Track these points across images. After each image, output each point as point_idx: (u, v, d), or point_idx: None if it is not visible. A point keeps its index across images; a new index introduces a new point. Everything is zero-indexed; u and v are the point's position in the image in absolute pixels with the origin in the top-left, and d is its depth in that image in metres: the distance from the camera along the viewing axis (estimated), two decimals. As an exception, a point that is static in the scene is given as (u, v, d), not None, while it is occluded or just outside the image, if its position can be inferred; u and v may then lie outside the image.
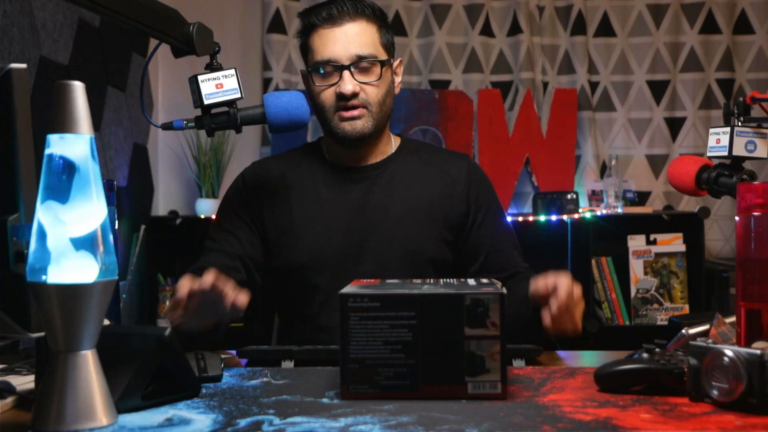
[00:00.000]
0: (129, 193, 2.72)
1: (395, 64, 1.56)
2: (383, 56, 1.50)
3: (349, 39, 1.47)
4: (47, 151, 0.85)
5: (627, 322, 2.94)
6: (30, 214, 0.89)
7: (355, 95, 1.46)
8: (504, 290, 0.98)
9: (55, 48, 2.09)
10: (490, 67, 3.19)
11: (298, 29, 1.57)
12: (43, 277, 0.83)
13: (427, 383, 0.97)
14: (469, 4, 3.16)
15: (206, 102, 1.32)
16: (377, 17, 1.52)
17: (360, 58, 1.47)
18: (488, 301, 0.96)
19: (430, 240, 1.54)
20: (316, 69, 1.49)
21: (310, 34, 1.51)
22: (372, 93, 1.48)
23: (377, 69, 1.49)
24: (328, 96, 1.49)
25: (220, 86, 1.32)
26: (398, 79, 1.57)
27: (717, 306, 2.79)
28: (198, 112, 1.35)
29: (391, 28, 1.56)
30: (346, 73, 1.46)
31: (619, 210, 2.90)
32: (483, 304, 0.96)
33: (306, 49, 1.53)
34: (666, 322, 2.88)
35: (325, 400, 0.98)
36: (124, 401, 0.90)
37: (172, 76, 3.03)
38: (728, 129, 1.33)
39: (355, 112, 1.48)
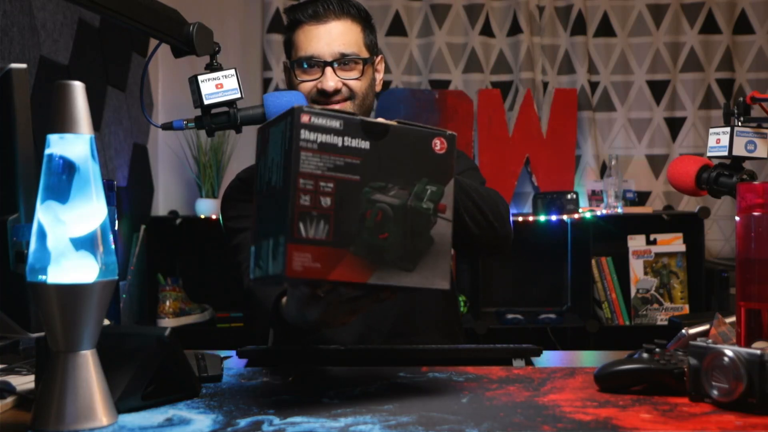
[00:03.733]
0: (129, 193, 2.72)
1: (377, 60, 1.56)
2: (365, 55, 1.51)
3: (332, 37, 1.48)
4: (47, 151, 0.85)
5: (627, 322, 2.94)
6: (30, 214, 0.89)
7: (336, 92, 1.47)
8: None
9: (55, 48, 2.08)
10: (490, 67, 3.19)
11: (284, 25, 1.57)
12: (43, 277, 0.83)
13: None
14: (469, 4, 3.16)
15: (206, 102, 1.32)
16: (362, 17, 1.53)
17: (343, 56, 1.47)
18: None
19: None
20: (300, 64, 1.50)
21: (295, 30, 1.51)
22: (355, 86, 1.49)
23: (359, 66, 1.49)
24: (307, 88, 1.48)
25: (220, 86, 1.32)
26: (380, 76, 1.58)
27: (717, 306, 2.78)
28: (198, 112, 1.35)
29: (374, 28, 1.57)
30: (328, 69, 1.47)
31: (619, 210, 2.90)
32: None
33: (290, 45, 1.54)
34: (666, 322, 2.88)
35: (325, 400, 0.97)
36: (124, 401, 0.90)
37: (172, 76, 3.04)
38: (728, 129, 1.32)
39: (337, 106, 1.48)
